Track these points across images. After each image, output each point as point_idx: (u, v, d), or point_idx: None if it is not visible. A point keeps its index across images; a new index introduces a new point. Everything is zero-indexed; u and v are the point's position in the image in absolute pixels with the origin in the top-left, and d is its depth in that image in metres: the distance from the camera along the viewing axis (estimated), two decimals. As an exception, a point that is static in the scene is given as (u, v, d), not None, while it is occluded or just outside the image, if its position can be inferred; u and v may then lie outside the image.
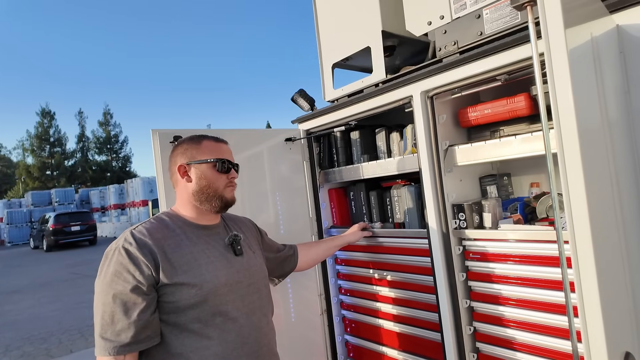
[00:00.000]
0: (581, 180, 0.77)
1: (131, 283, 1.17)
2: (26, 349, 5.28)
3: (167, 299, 1.22)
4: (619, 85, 1.18)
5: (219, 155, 1.40)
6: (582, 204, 0.77)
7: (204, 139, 1.41)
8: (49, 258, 15.02)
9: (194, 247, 1.31)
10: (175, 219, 1.37)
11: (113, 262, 1.20)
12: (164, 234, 1.29)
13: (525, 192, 1.99)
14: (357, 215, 2.27)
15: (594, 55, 1.17)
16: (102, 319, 1.16)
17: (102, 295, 1.19)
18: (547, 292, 1.47)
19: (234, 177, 1.42)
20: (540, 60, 0.92)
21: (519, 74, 1.46)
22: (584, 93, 1.00)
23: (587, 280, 0.75)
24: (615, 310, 0.88)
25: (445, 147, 1.71)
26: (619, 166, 1.16)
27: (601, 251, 0.79)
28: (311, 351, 2.24)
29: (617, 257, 1.01)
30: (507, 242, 1.58)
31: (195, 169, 1.37)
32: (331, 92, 2.16)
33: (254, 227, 1.66)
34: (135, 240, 1.23)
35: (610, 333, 0.75)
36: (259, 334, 1.34)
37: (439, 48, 1.67)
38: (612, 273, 0.92)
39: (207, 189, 1.36)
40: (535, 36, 0.92)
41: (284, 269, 1.76)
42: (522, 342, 1.54)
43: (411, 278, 1.94)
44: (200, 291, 1.23)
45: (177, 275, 1.23)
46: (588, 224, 0.76)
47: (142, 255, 1.20)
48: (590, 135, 0.99)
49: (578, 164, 0.77)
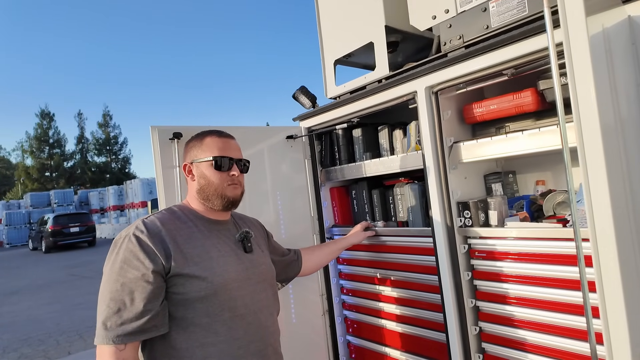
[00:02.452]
0: (603, 176, 0.73)
1: (141, 271, 1.14)
2: (24, 350, 5.23)
3: (177, 290, 1.19)
4: (631, 78, 1.15)
5: (220, 152, 1.35)
6: (605, 199, 0.73)
7: (207, 136, 1.39)
8: (47, 259, 14.95)
9: (206, 240, 1.30)
10: (186, 211, 1.36)
11: (123, 250, 1.17)
12: (176, 225, 1.28)
13: (530, 190, 1.96)
14: (360, 214, 2.24)
15: (606, 48, 1.14)
16: (108, 307, 1.13)
17: (109, 283, 1.15)
18: (556, 291, 1.43)
19: (234, 175, 1.37)
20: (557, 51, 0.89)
21: (526, 68, 1.43)
22: (601, 86, 0.97)
23: (610, 280, 0.72)
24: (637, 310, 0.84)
25: (450, 143, 1.68)
26: (630, 160, 1.12)
27: (623, 249, 0.76)
28: (313, 352, 2.20)
29: (633, 256, 0.98)
30: (513, 240, 1.54)
31: (196, 167, 1.37)
32: (333, 89, 2.13)
33: (262, 228, 1.64)
34: (147, 228, 1.21)
35: (634, 334, 0.72)
36: (265, 332, 1.31)
37: (444, 42, 1.63)
38: (630, 272, 0.89)
39: (207, 187, 1.34)
40: (552, 25, 0.89)
41: (288, 273, 1.73)
42: (530, 342, 1.51)
43: (415, 277, 1.90)
44: (210, 284, 1.21)
45: (188, 266, 1.20)
46: (611, 221, 0.72)
47: (152, 244, 1.18)
48: (606, 129, 0.96)
49: (600, 159, 0.74)
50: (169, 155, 1.74)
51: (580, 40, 0.75)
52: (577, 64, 0.76)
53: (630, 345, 0.69)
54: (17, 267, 13.67)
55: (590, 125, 0.75)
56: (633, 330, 0.72)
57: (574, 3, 0.75)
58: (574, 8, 0.75)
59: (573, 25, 0.75)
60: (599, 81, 1.04)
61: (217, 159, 1.34)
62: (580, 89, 0.76)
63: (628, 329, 0.70)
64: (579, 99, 0.76)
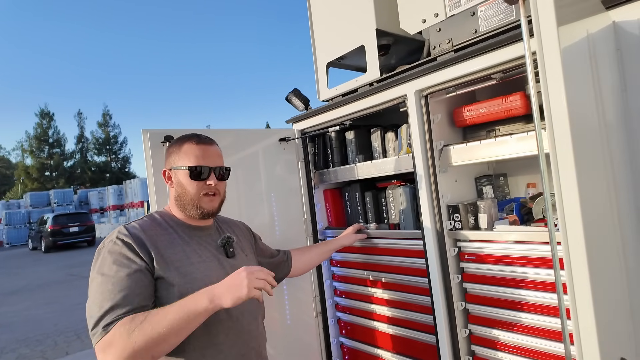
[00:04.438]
0: (574, 180, 0.74)
1: (132, 268, 1.14)
2: (22, 351, 5.24)
3: (158, 294, 1.19)
4: (616, 83, 1.15)
5: (197, 161, 1.32)
6: (575, 204, 0.75)
7: (186, 142, 1.36)
8: (47, 259, 14.96)
9: (186, 246, 1.30)
10: (167, 217, 1.36)
11: (110, 253, 1.17)
12: (157, 231, 1.28)
13: (521, 192, 1.97)
14: (353, 216, 2.24)
15: (590, 53, 1.15)
16: (101, 308, 1.08)
17: (100, 286, 1.12)
18: (545, 295, 1.44)
19: (211, 184, 1.33)
20: (533, 59, 0.90)
21: (514, 72, 1.43)
22: (579, 92, 0.98)
23: (580, 282, 0.73)
24: (611, 314, 0.85)
25: (440, 147, 1.69)
26: (616, 165, 1.13)
27: (595, 253, 0.77)
28: (306, 354, 2.21)
29: (613, 260, 0.99)
30: (503, 244, 1.55)
31: (174, 174, 1.36)
32: (325, 91, 2.13)
33: (248, 231, 1.64)
34: (129, 232, 1.22)
35: (603, 337, 0.73)
36: (248, 337, 1.31)
37: (434, 46, 1.64)
38: (608, 276, 0.90)
39: (183, 196, 1.33)
40: (528, 34, 0.90)
41: (278, 275, 1.73)
42: (519, 345, 1.52)
43: (406, 280, 1.91)
44: (190, 289, 1.19)
45: (169, 270, 1.21)
46: (581, 225, 0.73)
47: (137, 247, 1.19)
48: (585, 134, 0.96)
49: (571, 164, 0.75)
50: (160, 159, 1.74)
51: (552, 50, 0.76)
52: (550, 72, 0.77)
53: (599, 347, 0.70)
54: (17, 267, 13.69)
55: (562, 131, 0.76)
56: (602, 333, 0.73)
57: (546, 14, 0.76)
58: (547, 18, 0.76)
59: (546, 35, 0.76)
60: (580, 87, 1.05)
61: (193, 168, 1.31)
62: (553, 97, 0.77)
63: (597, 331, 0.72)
64: (551, 107, 0.78)
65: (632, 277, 1.04)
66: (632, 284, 1.02)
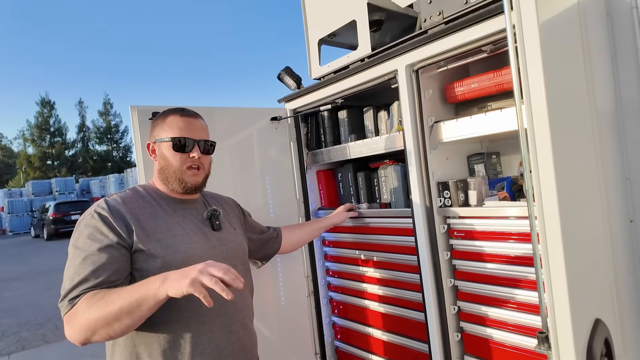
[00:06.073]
0: (549, 151, 0.73)
1: (104, 243, 1.14)
2: (23, 334, 5.30)
3: (138, 266, 1.19)
4: (606, 50, 1.13)
5: (181, 133, 1.30)
6: (550, 176, 0.74)
7: (170, 114, 1.34)
8: (49, 247, 15.07)
9: (169, 218, 1.29)
10: (150, 190, 1.35)
11: (85, 226, 1.17)
12: (139, 203, 1.27)
13: (514, 171, 1.94)
14: (345, 196, 2.23)
15: (580, 20, 1.12)
16: (71, 281, 1.10)
17: (73, 260, 1.13)
18: (533, 270, 1.43)
19: (194, 156, 1.30)
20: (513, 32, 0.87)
21: (504, 44, 1.40)
22: (565, 61, 0.96)
23: (551, 232, 0.72)
24: (586, 272, 0.84)
25: (430, 123, 1.66)
26: (603, 132, 1.11)
27: (570, 224, 0.76)
28: (298, 333, 2.22)
29: (597, 228, 0.97)
30: (491, 220, 1.54)
31: (158, 147, 1.34)
32: (317, 69, 2.10)
33: (237, 207, 1.63)
34: (108, 205, 1.21)
35: (575, 291, 0.72)
36: (233, 308, 1.31)
37: (424, 19, 1.61)
38: (585, 240, 0.88)
39: (166, 168, 1.32)
40: (510, 7, 0.87)
41: (267, 250, 1.73)
42: (507, 321, 1.51)
43: (397, 258, 1.90)
44: (172, 261, 1.20)
45: (150, 242, 1.20)
46: (555, 198, 0.73)
47: (114, 221, 1.18)
48: (567, 106, 0.94)
49: (547, 141, 0.74)
50: (148, 135, 1.73)
51: (530, 23, 0.74)
52: (528, 47, 0.75)
53: (570, 311, 0.70)
54: (19, 255, 13.79)
55: (539, 110, 0.75)
56: (575, 298, 0.73)
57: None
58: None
59: (525, 9, 0.74)
60: (569, 54, 1.02)
61: (176, 140, 1.29)
62: (530, 71, 0.76)
63: (567, 282, 0.71)
64: (529, 84, 0.76)
65: (617, 246, 1.03)
66: (616, 251, 1.01)
